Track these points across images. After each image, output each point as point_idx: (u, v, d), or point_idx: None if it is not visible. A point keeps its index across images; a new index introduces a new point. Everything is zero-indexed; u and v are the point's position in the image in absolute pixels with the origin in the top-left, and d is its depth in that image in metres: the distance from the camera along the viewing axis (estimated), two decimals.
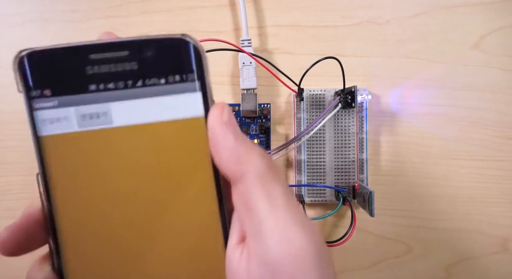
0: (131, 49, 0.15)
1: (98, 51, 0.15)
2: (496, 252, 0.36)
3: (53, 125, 0.15)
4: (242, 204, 0.16)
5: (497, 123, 0.36)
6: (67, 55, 0.15)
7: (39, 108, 0.15)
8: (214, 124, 0.16)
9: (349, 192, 0.34)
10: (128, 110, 0.16)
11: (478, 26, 0.36)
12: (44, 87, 0.15)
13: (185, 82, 0.16)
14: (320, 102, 0.35)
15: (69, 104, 0.15)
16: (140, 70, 0.15)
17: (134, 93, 0.15)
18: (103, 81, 0.15)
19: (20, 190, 0.35)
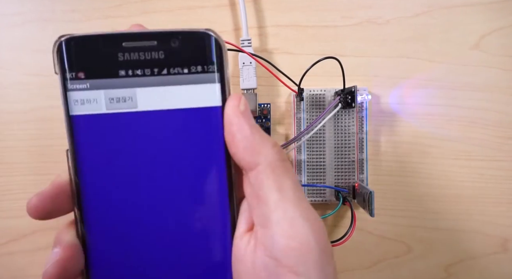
0: (159, 40, 0.17)
1: (130, 39, 0.17)
2: (496, 252, 0.36)
3: (84, 106, 0.17)
4: (253, 193, 0.16)
5: (497, 123, 0.36)
6: (101, 42, 0.17)
7: (72, 89, 0.16)
8: (230, 114, 0.16)
9: (349, 192, 0.34)
10: (152, 96, 0.17)
11: (478, 26, 0.36)
12: (78, 70, 0.16)
13: (206, 73, 0.17)
14: (320, 102, 0.35)
15: (99, 87, 0.17)
16: (166, 60, 0.17)
17: (159, 80, 0.17)
18: (132, 68, 0.17)
19: (20, 190, 0.35)
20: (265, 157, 0.16)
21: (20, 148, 0.35)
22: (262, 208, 0.15)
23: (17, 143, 0.35)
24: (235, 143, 0.16)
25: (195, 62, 0.17)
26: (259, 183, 0.16)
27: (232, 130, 0.16)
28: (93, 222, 0.17)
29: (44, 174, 0.35)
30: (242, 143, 0.16)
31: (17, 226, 0.35)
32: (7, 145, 0.35)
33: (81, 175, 0.17)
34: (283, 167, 0.16)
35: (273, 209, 0.15)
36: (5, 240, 0.35)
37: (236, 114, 0.16)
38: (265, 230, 0.15)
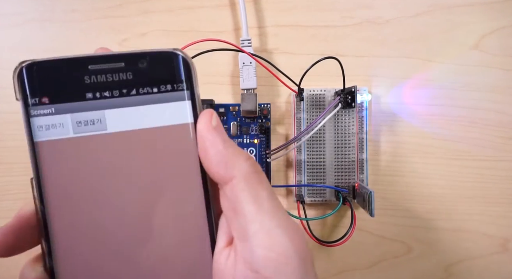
0: (127, 61, 0.17)
1: (96, 62, 0.16)
2: (496, 252, 0.36)
3: (49, 131, 0.16)
4: (229, 207, 0.16)
5: (497, 123, 0.36)
6: (66, 66, 0.16)
7: (36, 114, 0.16)
8: (203, 129, 0.17)
9: (349, 192, 0.34)
10: (122, 117, 0.17)
11: (478, 26, 0.36)
12: (42, 95, 0.16)
13: (176, 91, 0.17)
14: (320, 102, 0.35)
15: (66, 111, 0.16)
16: (134, 80, 0.17)
17: (128, 101, 0.17)
18: (99, 90, 0.16)
19: (20, 190, 0.35)
20: (239, 170, 0.16)
21: (20, 148, 0.35)
22: (239, 221, 0.15)
23: (17, 143, 0.35)
24: (209, 158, 0.16)
25: (164, 81, 0.17)
26: (234, 196, 0.16)
27: (205, 146, 0.16)
28: (63, 253, 0.16)
29: None
30: (216, 157, 0.16)
31: None
32: (7, 145, 0.35)
33: (48, 204, 0.16)
34: (257, 179, 0.16)
35: (250, 221, 0.15)
36: None
37: (209, 129, 0.16)
38: (243, 243, 0.15)
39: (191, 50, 0.30)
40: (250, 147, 0.35)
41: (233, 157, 0.16)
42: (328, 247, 0.35)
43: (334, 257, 0.36)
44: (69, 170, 0.16)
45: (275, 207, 0.16)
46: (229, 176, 0.16)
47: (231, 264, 0.16)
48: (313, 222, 0.35)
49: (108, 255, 0.16)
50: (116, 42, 0.36)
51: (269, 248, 0.15)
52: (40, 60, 0.16)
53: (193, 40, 0.30)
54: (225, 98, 0.36)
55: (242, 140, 0.35)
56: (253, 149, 0.35)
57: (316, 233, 0.35)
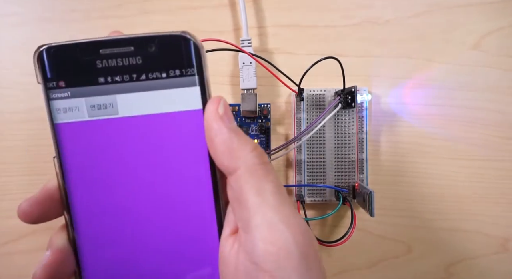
0: (136, 45, 0.17)
1: (106, 46, 0.17)
2: (496, 252, 0.36)
3: (66, 114, 0.17)
4: (234, 197, 0.16)
5: (497, 123, 0.36)
6: (79, 50, 0.17)
7: (54, 98, 0.17)
8: (209, 117, 0.16)
9: (349, 192, 0.34)
10: (132, 102, 0.17)
11: (478, 26, 0.36)
12: (59, 79, 0.17)
13: (185, 76, 0.17)
14: (320, 102, 0.35)
15: (81, 95, 0.17)
16: (144, 65, 0.17)
17: (138, 86, 0.17)
18: (111, 74, 0.17)
19: (20, 190, 0.35)
20: (244, 161, 0.16)
21: (20, 148, 0.35)
22: (243, 212, 0.15)
23: (17, 143, 0.35)
24: (214, 148, 0.16)
25: (173, 66, 0.17)
26: (239, 188, 0.16)
27: (210, 135, 0.16)
28: (83, 226, 0.17)
29: (43, 174, 0.35)
30: (221, 147, 0.16)
31: (17, 226, 0.35)
32: (7, 145, 0.35)
33: (68, 181, 0.17)
34: (263, 170, 0.16)
35: (253, 213, 0.15)
36: (5, 240, 0.35)
37: (215, 118, 0.16)
38: (246, 234, 0.15)
39: None
40: None
41: (238, 148, 0.16)
42: (328, 247, 0.35)
43: (334, 257, 0.36)
44: (86, 151, 0.17)
45: (279, 201, 0.15)
46: (234, 167, 0.16)
47: (234, 253, 0.16)
48: (313, 222, 0.35)
49: (123, 231, 0.17)
50: None
51: (270, 242, 0.14)
52: (56, 43, 0.17)
53: None
54: (225, 98, 0.36)
55: None
56: None
57: (316, 233, 0.35)
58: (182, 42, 0.17)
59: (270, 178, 0.16)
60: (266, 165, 0.16)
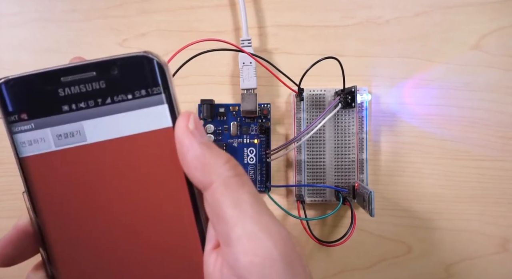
0: (98, 70, 0.16)
1: (67, 73, 0.16)
2: (496, 252, 0.36)
3: (32, 146, 0.16)
4: (212, 213, 0.16)
5: (497, 123, 0.36)
6: (39, 80, 0.16)
7: (18, 131, 0.16)
8: (180, 133, 0.16)
9: (349, 192, 0.34)
10: (100, 126, 0.17)
11: (478, 26, 0.36)
12: (20, 112, 0.16)
13: (151, 95, 0.17)
14: (320, 102, 0.35)
15: (45, 126, 0.16)
16: (108, 88, 0.16)
17: (104, 110, 0.16)
18: (75, 101, 0.16)
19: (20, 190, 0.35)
20: (218, 175, 0.15)
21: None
22: (222, 226, 0.15)
23: None
24: (186, 164, 0.16)
25: (138, 86, 0.16)
26: (215, 202, 0.15)
27: (182, 151, 0.16)
28: (61, 260, 0.17)
29: None
30: (193, 163, 0.16)
31: None
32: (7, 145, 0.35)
33: (41, 215, 0.17)
34: (238, 182, 0.16)
35: (232, 226, 0.15)
36: None
37: (185, 134, 0.16)
38: (228, 248, 0.15)
39: (191, 50, 0.30)
40: (250, 147, 0.35)
41: (211, 162, 0.16)
42: (328, 247, 0.35)
43: (334, 257, 0.36)
44: (56, 182, 0.16)
45: (258, 211, 0.15)
46: (208, 182, 0.16)
47: (218, 268, 0.16)
48: (313, 222, 0.35)
49: (103, 259, 0.17)
50: (116, 42, 0.36)
51: (252, 253, 0.14)
52: (14, 76, 0.16)
53: (193, 40, 0.30)
54: (225, 98, 0.36)
55: (242, 140, 0.35)
56: (253, 149, 0.35)
57: (316, 233, 0.35)
58: (145, 62, 0.16)
59: (246, 188, 0.16)
60: (241, 176, 0.16)
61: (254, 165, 0.35)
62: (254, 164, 0.35)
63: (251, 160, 0.35)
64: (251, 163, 0.35)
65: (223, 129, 0.35)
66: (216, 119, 0.35)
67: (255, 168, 0.35)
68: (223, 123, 0.35)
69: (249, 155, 0.35)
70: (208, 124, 0.35)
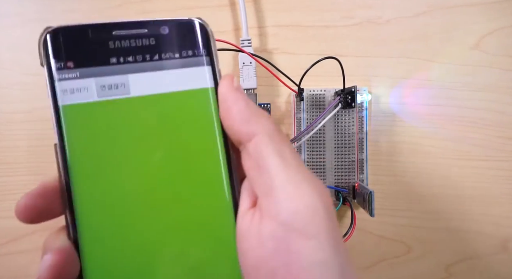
0: (149, 28, 0.17)
1: (120, 28, 0.17)
2: (497, 252, 0.36)
3: (73, 95, 0.16)
4: (253, 165, 0.16)
5: (497, 123, 0.36)
6: (91, 31, 0.16)
7: (61, 78, 0.16)
8: (226, 89, 0.17)
9: (349, 192, 0.34)
10: (145, 81, 0.17)
11: (478, 26, 0.36)
12: (67, 60, 0.16)
13: (196, 57, 0.17)
14: (320, 102, 0.35)
15: (90, 75, 0.16)
16: (157, 46, 0.17)
17: (151, 66, 0.17)
18: (123, 55, 0.17)
19: (20, 190, 0.35)
20: (263, 126, 0.16)
21: (20, 148, 0.35)
22: (264, 177, 0.15)
23: (17, 143, 0.35)
24: (231, 116, 0.17)
25: (184, 47, 0.17)
26: (259, 152, 0.16)
27: (227, 105, 0.17)
28: (87, 223, 0.16)
29: (44, 174, 0.35)
30: (239, 115, 0.16)
31: (17, 226, 0.35)
32: (7, 145, 0.35)
33: (72, 172, 0.16)
34: (280, 135, 0.16)
35: (276, 174, 0.15)
36: (5, 240, 0.35)
37: (231, 89, 0.17)
38: (269, 198, 0.15)
39: None
40: None
41: (256, 114, 0.16)
42: None
43: None
44: (93, 135, 0.16)
45: (299, 162, 0.16)
46: (253, 132, 0.16)
47: (256, 223, 0.15)
48: None
49: (132, 223, 0.16)
50: None
51: (297, 199, 0.15)
52: (65, 26, 0.16)
53: None
54: None
55: None
56: None
57: None
58: (193, 26, 0.17)
59: (287, 142, 0.16)
60: (281, 131, 0.17)
61: None
62: None
63: None
64: None
65: None
66: None
67: None
68: None
69: None
70: None
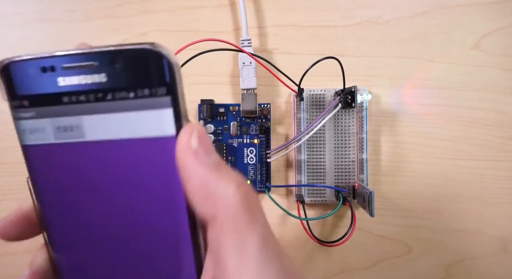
0: (99, 59, 0.15)
1: (67, 61, 0.15)
2: (496, 252, 0.36)
3: (32, 135, 0.16)
4: (213, 249, 0.14)
5: (497, 123, 0.36)
6: (41, 64, 0.15)
7: (20, 117, 0.16)
8: (181, 153, 0.14)
9: (349, 192, 0.34)
10: (100, 124, 0.15)
11: (478, 26, 0.36)
12: (23, 98, 0.15)
13: (155, 97, 0.14)
14: (320, 102, 0.35)
15: (46, 116, 0.15)
16: (109, 83, 0.15)
17: (105, 107, 0.15)
18: (75, 93, 0.15)
19: (20, 190, 0.35)
20: (225, 207, 0.13)
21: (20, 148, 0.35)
22: (219, 271, 0.13)
23: (17, 143, 0.35)
24: (189, 191, 0.14)
25: (141, 84, 0.14)
26: (217, 242, 0.13)
27: (184, 176, 0.14)
28: (59, 244, 0.17)
29: None
30: (196, 191, 0.14)
31: None
32: (7, 145, 0.35)
33: (42, 202, 0.16)
34: (248, 218, 0.13)
35: (231, 274, 0.13)
36: None
37: (187, 154, 0.14)
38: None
39: (191, 50, 0.30)
40: (250, 147, 0.35)
41: (217, 190, 0.14)
42: (328, 247, 0.35)
43: (334, 257, 0.36)
44: (55, 173, 0.16)
45: (263, 264, 0.13)
46: (212, 215, 0.14)
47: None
48: (313, 222, 0.35)
49: (98, 251, 0.17)
50: (116, 42, 0.36)
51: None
52: (19, 57, 0.15)
53: (193, 40, 0.30)
54: (225, 98, 0.36)
55: (242, 140, 0.35)
56: (253, 149, 0.35)
57: (316, 233, 0.35)
58: (151, 56, 0.14)
59: (256, 227, 0.13)
60: (252, 208, 0.14)
61: (254, 165, 0.35)
62: (254, 164, 0.35)
63: (251, 160, 0.35)
64: (251, 163, 0.35)
65: (223, 129, 0.35)
66: (216, 119, 0.35)
67: (255, 168, 0.35)
68: (223, 123, 0.35)
69: (249, 155, 0.35)
70: (208, 124, 0.35)
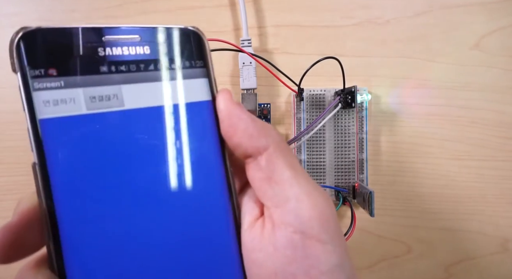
0: (144, 35, 0.16)
1: (112, 33, 0.15)
2: (496, 252, 0.36)
3: (57, 106, 0.14)
4: (263, 177, 0.16)
5: (497, 123, 0.36)
6: (79, 35, 0.15)
7: (41, 88, 0.14)
8: (228, 105, 0.17)
9: (349, 192, 0.34)
10: (139, 92, 0.16)
11: (478, 26, 0.36)
12: (49, 66, 0.14)
13: (194, 68, 0.17)
14: (320, 102, 0.35)
15: (77, 85, 0.14)
16: (151, 55, 0.16)
17: (146, 76, 0.16)
18: (115, 63, 0.15)
19: (20, 190, 0.35)
20: (272, 139, 0.16)
21: (20, 148, 0.35)
22: (276, 188, 0.16)
23: (17, 143, 0.35)
24: (240, 133, 0.16)
25: (182, 57, 0.17)
26: (271, 164, 0.16)
27: (232, 122, 0.16)
28: (74, 252, 0.14)
29: None
30: (248, 131, 0.16)
31: None
32: (7, 145, 0.35)
33: (55, 194, 0.13)
34: (287, 147, 0.17)
35: (290, 185, 0.16)
36: None
37: (234, 105, 0.17)
38: (283, 208, 0.16)
39: None
40: None
41: (264, 128, 0.17)
42: None
43: None
44: (80, 153, 0.14)
45: (306, 173, 0.17)
46: (264, 146, 0.16)
47: (268, 234, 0.16)
48: None
49: (125, 250, 0.15)
50: None
51: (311, 208, 0.15)
52: (48, 26, 0.14)
53: None
54: None
55: None
56: None
57: None
58: (192, 35, 0.17)
59: (292, 153, 0.18)
60: (286, 142, 0.17)
61: None
62: None
63: None
64: None
65: None
66: None
67: None
68: None
69: None
70: None
